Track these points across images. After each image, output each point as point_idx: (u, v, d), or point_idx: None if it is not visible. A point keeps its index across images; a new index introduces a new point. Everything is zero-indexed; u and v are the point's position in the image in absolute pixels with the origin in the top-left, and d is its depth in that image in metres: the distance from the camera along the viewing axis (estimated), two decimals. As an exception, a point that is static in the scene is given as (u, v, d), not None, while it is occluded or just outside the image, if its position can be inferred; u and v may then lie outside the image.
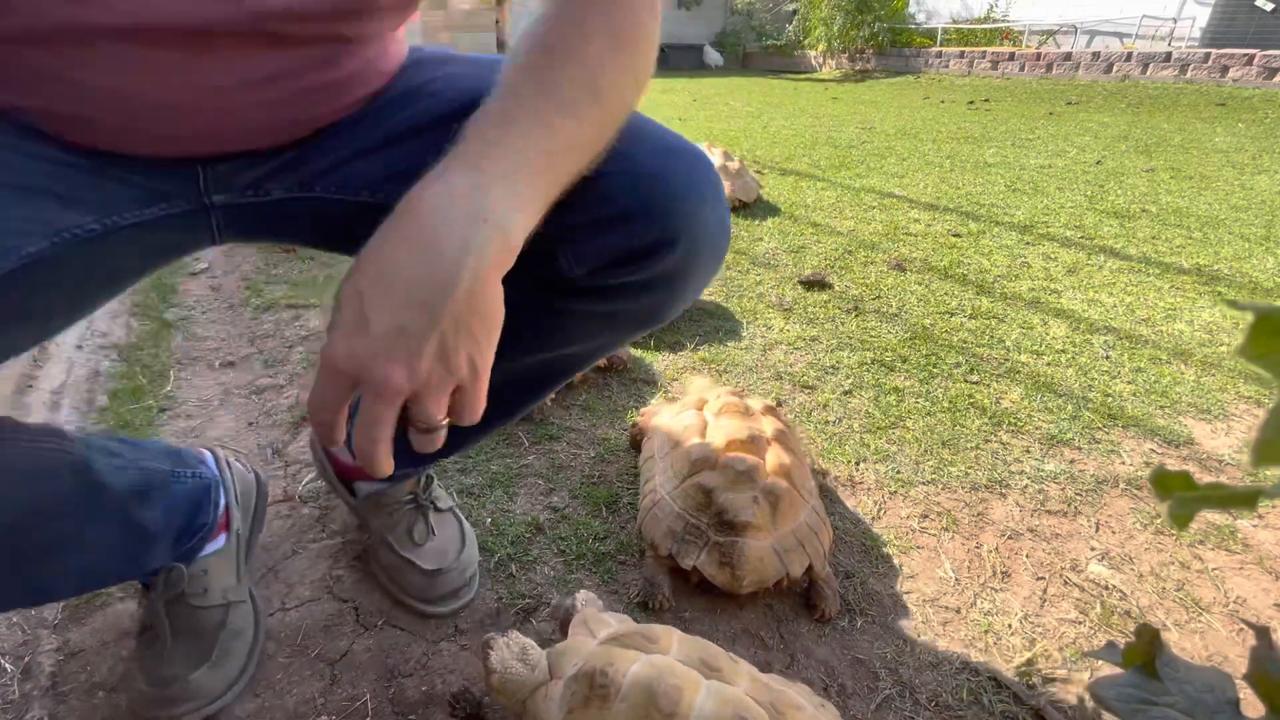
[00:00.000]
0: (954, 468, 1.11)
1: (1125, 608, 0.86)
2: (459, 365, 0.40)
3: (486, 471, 1.07)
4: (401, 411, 0.41)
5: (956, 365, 1.42)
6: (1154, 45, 6.97)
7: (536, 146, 0.43)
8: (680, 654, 0.56)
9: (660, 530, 0.84)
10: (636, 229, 0.53)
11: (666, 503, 0.86)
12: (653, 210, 0.53)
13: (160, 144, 0.51)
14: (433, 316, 0.39)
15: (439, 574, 0.80)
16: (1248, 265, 1.99)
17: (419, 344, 0.39)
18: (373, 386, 0.39)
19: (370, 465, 0.41)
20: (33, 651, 0.76)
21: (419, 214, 0.41)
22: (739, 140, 4.10)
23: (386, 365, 0.38)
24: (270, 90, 0.51)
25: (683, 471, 0.87)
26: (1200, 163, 3.43)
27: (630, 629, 0.61)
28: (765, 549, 0.80)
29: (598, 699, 0.51)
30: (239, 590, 0.76)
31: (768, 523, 0.81)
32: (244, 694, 0.72)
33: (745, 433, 0.88)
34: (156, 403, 1.24)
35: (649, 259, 0.54)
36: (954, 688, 0.75)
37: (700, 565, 0.80)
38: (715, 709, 0.50)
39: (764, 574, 0.79)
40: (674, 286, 0.58)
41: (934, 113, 5.49)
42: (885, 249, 2.14)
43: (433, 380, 0.40)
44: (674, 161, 0.55)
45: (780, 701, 0.54)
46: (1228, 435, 1.21)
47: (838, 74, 8.97)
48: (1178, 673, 0.34)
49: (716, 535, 0.81)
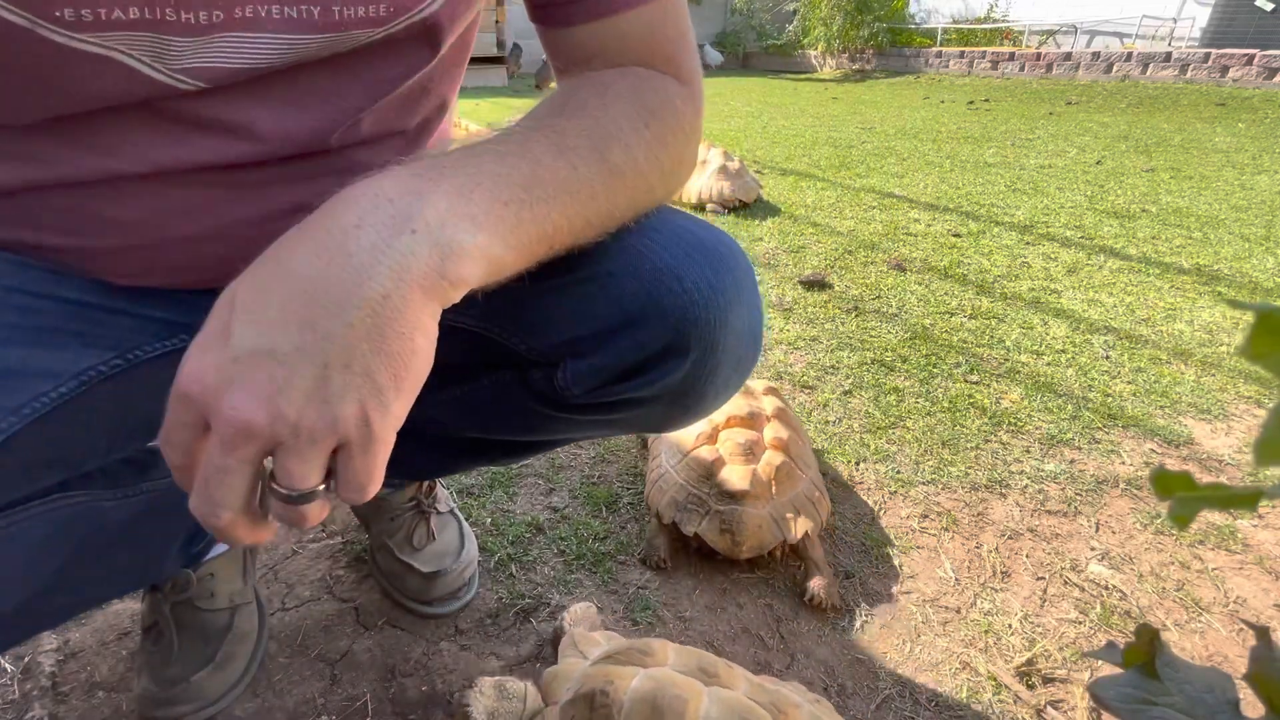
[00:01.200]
0: (954, 468, 1.11)
1: (1125, 608, 0.86)
2: (343, 417, 0.29)
3: (486, 471, 1.07)
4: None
5: (956, 365, 1.42)
6: (1154, 45, 6.97)
7: (511, 173, 0.35)
8: (677, 664, 0.56)
9: (665, 500, 0.89)
10: (642, 336, 0.45)
11: (670, 475, 0.91)
12: (663, 313, 0.44)
13: (184, 274, 0.50)
14: (315, 341, 0.28)
15: (437, 576, 0.80)
16: (1248, 265, 1.99)
17: (289, 374, 0.28)
18: (218, 425, 0.29)
19: (220, 534, 0.31)
20: (33, 651, 0.76)
21: (331, 212, 0.32)
22: (739, 140, 4.10)
23: (239, 398, 0.28)
24: (295, 220, 0.50)
25: (686, 446, 0.92)
26: (1200, 163, 3.43)
27: (624, 645, 0.60)
28: (763, 516, 0.85)
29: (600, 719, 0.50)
30: (245, 592, 0.76)
31: (766, 492, 0.86)
32: (244, 694, 0.72)
33: (745, 409, 0.94)
34: (156, 403, 1.24)
35: (655, 370, 0.46)
36: (954, 688, 0.75)
37: (701, 532, 0.85)
38: (721, 715, 0.49)
39: (762, 540, 0.84)
40: (686, 403, 0.50)
41: (934, 113, 5.49)
42: (885, 249, 2.14)
43: (302, 429, 0.29)
44: (695, 257, 0.45)
45: (780, 701, 0.54)
46: (1228, 435, 1.21)
47: (838, 74, 8.97)
48: (1178, 673, 0.34)
49: (717, 504, 0.86)
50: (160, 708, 0.67)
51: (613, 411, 0.50)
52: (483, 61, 7.70)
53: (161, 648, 0.69)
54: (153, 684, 0.67)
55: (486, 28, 7.63)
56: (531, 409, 0.52)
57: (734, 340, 0.47)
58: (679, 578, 0.88)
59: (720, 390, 0.51)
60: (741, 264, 0.48)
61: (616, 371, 0.46)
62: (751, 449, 0.89)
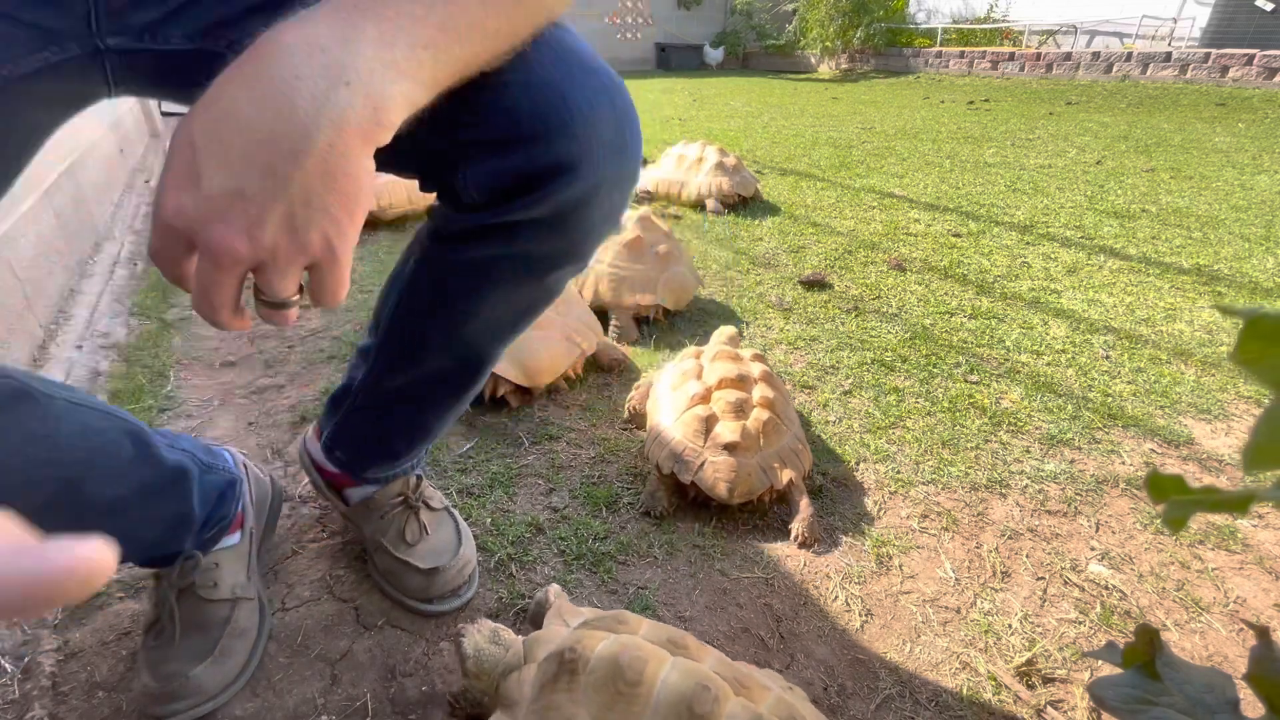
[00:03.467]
0: (954, 468, 1.11)
1: (1125, 608, 0.86)
2: (311, 243, 0.36)
3: (486, 471, 1.07)
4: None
5: (956, 365, 1.42)
6: (1154, 45, 6.97)
7: (427, 15, 0.38)
8: (649, 635, 0.59)
9: (664, 453, 0.98)
10: (533, 150, 0.50)
11: (669, 431, 1.00)
12: (550, 124, 0.50)
13: None
14: (278, 184, 0.34)
15: (436, 572, 0.80)
16: (1248, 265, 1.99)
17: (261, 212, 0.35)
18: (208, 252, 0.35)
19: (217, 326, 0.38)
20: (33, 651, 0.76)
21: (270, 61, 0.35)
22: (739, 140, 4.10)
23: (222, 230, 0.34)
24: None
25: (682, 405, 1.02)
26: (1200, 163, 3.43)
27: (603, 614, 0.64)
28: (753, 465, 0.95)
29: (566, 674, 0.54)
30: (248, 588, 0.76)
31: (754, 444, 0.96)
32: (244, 693, 0.72)
33: (735, 372, 1.04)
34: (156, 403, 1.24)
35: (545, 187, 0.51)
36: (954, 688, 0.75)
37: (697, 480, 0.94)
38: (679, 679, 0.52)
39: (752, 486, 0.94)
40: (579, 216, 0.55)
41: (934, 113, 5.49)
42: (885, 249, 2.14)
43: (279, 253, 0.36)
44: (580, 78, 0.51)
45: (744, 678, 0.56)
46: (1228, 435, 1.21)
47: (838, 74, 8.97)
48: (1178, 673, 0.34)
49: (711, 455, 0.95)
50: (159, 704, 0.67)
51: (514, 240, 0.56)
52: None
53: (162, 643, 0.70)
54: (152, 680, 0.67)
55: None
56: (448, 268, 0.60)
57: (614, 159, 0.53)
58: (679, 577, 0.88)
59: (605, 218, 0.57)
60: (622, 89, 0.54)
61: (509, 178, 0.52)
62: (741, 407, 0.99)
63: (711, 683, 0.52)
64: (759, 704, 0.53)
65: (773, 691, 0.56)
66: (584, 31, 6.41)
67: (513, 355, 1.20)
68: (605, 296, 1.55)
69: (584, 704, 0.52)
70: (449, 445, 1.14)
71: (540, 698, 0.54)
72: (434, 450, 1.12)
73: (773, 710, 0.53)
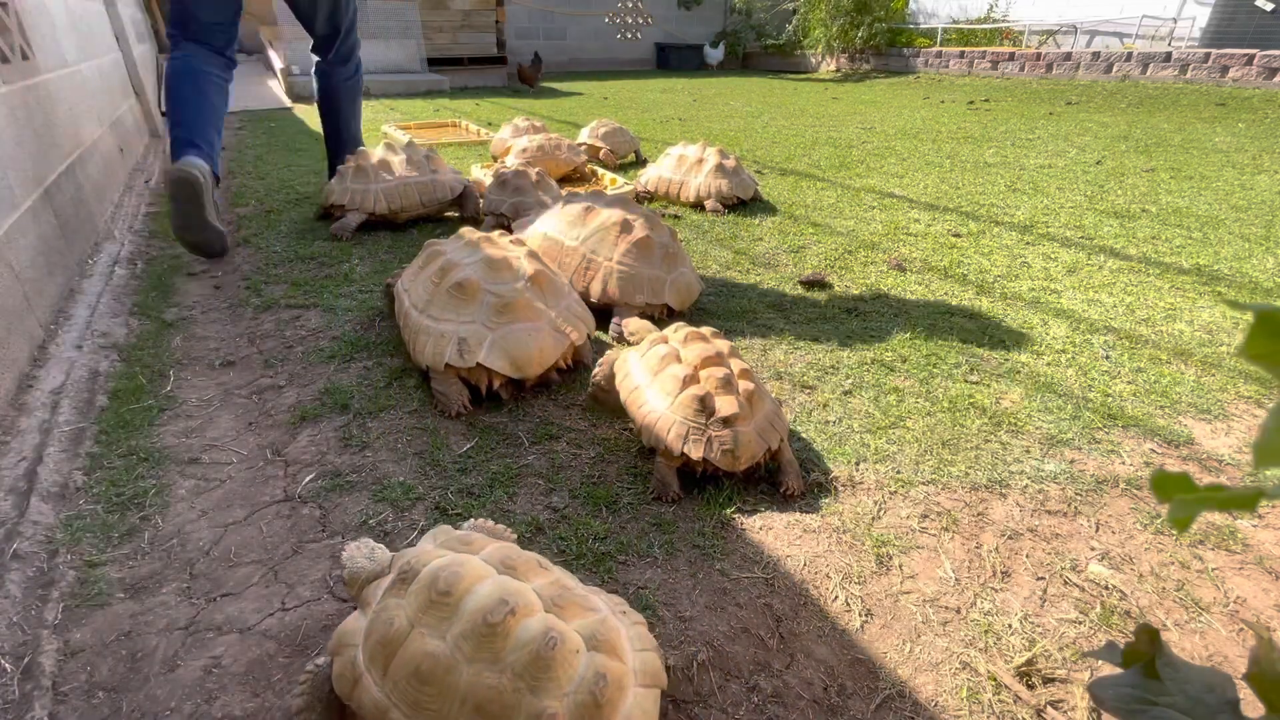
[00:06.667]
0: (954, 468, 1.11)
1: (1125, 608, 0.86)
2: None
3: (486, 471, 1.07)
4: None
5: (956, 365, 1.42)
6: (1154, 45, 6.97)
7: None
8: (488, 556, 0.68)
9: (670, 436, 1.02)
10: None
11: (668, 415, 1.04)
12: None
13: None
14: None
15: None
16: (1248, 265, 1.99)
17: None
18: None
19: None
20: (33, 651, 0.76)
21: None
22: (739, 140, 4.10)
23: None
24: None
25: (674, 390, 1.06)
26: (1200, 163, 3.42)
27: (454, 535, 0.73)
28: (751, 433, 1.02)
29: (400, 583, 0.65)
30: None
31: (748, 413, 1.03)
32: (244, 693, 0.72)
33: (712, 351, 1.09)
34: (156, 403, 1.24)
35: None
36: (954, 688, 0.75)
37: (708, 455, 1.01)
38: (489, 592, 0.61)
39: (754, 451, 1.02)
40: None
41: (934, 113, 5.49)
42: (885, 249, 2.14)
43: None
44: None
45: (566, 600, 0.64)
46: (1228, 435, 1.21)
47: (838, 74, 8.96)
48: (1178, 673, 0.34)
49: (714, 430, 1.01)
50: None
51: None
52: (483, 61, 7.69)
53: None
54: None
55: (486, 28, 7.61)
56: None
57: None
58: (679, 577, 0.88)
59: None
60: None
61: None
62: (728, 381, 1.05)
63: (513, 598, 0.60)
64: (570, 622, 0.62)
65: (597, 614, 0.64)
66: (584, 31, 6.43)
67: (502, 348, 1.21)
68: (615, 296, 1.55)
69: (406, 608, 0.63)
70: (449, 445, 1.14)
71: (382, 600, 0.65)
72: (434, 450, 1.12)
73: (580, 629, 0.61)
